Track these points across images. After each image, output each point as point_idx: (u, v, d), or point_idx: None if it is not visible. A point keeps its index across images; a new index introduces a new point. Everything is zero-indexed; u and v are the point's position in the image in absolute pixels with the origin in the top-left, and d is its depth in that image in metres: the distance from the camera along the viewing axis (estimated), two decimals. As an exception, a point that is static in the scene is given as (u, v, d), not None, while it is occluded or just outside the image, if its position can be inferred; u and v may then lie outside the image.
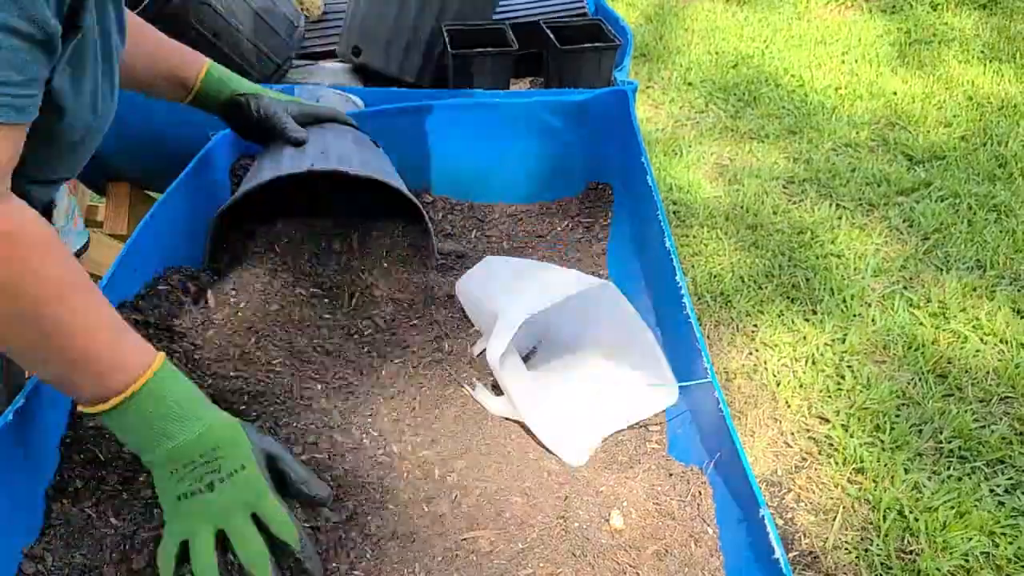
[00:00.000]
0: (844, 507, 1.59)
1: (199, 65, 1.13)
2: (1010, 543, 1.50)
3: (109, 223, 1.75)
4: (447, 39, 1.63)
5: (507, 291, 1.05)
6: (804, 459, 1.70)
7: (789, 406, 1.82)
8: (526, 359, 1.10)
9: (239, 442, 0.73)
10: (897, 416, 1.78)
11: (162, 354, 0.74)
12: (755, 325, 2.07)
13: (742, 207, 2.60)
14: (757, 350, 1.99)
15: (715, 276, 2.26)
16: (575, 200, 1.50)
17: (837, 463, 1.68)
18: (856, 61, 3.63)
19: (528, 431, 0.99)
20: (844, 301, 2.15)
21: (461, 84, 1.63)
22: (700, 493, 0.90)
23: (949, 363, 1.94)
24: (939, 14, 4.08)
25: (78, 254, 1.28)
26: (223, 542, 0.71)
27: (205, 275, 1.14)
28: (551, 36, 1.63)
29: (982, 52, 3.66)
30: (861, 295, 2.18)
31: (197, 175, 1.24)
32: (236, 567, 0.71)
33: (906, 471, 1.65)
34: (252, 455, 0.73)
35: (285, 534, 0.72)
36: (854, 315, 2.10)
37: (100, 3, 0.80)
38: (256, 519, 0.72)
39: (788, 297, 2.18)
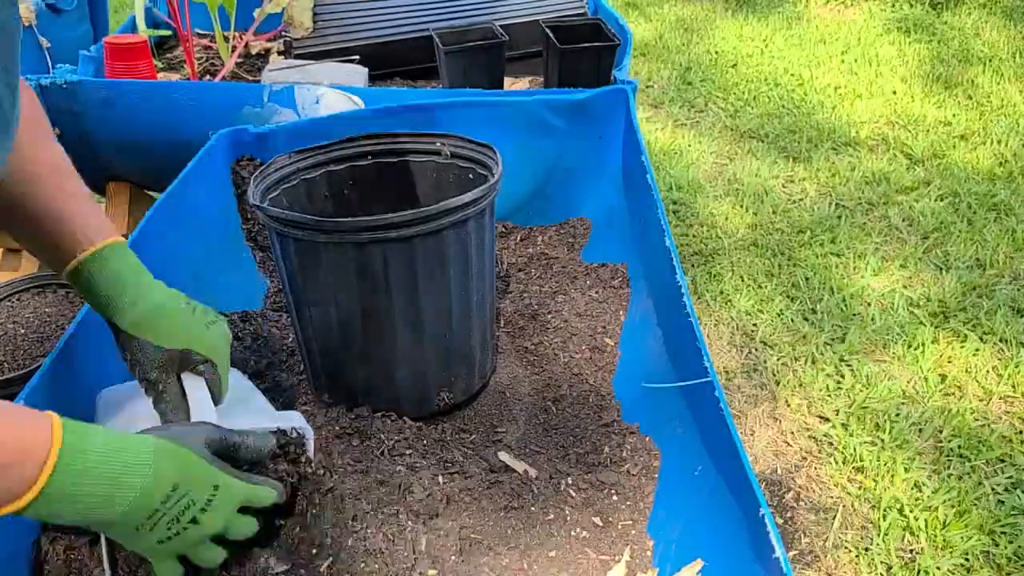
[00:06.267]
0: (844, 506, 1.59)
1: (90, 239, 0.75)
2: (1010, 542, 1.50)
3: (109, 223, 1.74)
4: (437, 40, 1.64)
5: None
6: (804, 458, 1.70)
7: (789, 405, 1.82)
8: None
9: (192, 463, 0.66)
10: (897, 415, 1.78)
11: (54, 415, 0.60)
12: (755, 324, 2.07)
13: (742, 206, 2.60)
14: (757, 349, 1.99)
15: (715, 276, 2.26)
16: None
17: (837, 462, 1.68)
18: (855, 60, 3.63)
19: None
20: (844, 300, 2.15)
21: (456, 82, 1.64)
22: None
23: (949, 362, 1.94)
24: (939, 13, 4.08)
25: None
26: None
27: None
28: (551, 36, 1.63)
29: (982, 51, 3.66)
30: (861, 294, 2.18)
31: (197, 175, 1.24)
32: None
33: (906, 470, 1.65)
34: (211, 466, 0.68)
35: (269, 500, 0.72)
36: (853, 314, 2.10)
37: None
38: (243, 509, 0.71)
39: (788, 296, 2.18)
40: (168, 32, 2.04)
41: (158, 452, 0.64)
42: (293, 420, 0.85)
